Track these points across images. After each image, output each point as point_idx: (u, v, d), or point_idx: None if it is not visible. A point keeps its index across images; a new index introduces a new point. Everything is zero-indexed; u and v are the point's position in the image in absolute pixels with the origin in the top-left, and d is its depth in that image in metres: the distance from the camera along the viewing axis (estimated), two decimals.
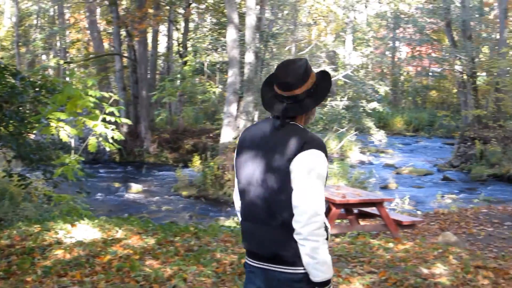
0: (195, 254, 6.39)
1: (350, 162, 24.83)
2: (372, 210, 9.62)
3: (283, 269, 2.99)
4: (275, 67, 3.60)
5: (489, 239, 9.34)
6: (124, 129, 23.13)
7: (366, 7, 33.11)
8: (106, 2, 25.81)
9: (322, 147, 3.07)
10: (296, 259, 2.95)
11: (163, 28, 32.29)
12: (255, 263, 3.11)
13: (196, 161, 19.92)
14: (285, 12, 23.92)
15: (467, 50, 30.49)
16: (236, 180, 3.22)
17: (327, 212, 9.00)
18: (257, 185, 3.05)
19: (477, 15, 38.39)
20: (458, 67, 31.96)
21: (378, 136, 25.65)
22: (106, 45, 31.73)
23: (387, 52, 45.75)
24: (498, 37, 33.62)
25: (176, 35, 29.48)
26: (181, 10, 28.08)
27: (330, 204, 8.99)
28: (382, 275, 5.67)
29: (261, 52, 21.20)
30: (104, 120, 7.14)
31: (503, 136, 26.54)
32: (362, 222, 10.37)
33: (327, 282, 2.93)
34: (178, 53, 27.51)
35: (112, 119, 7.19)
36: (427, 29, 40.89)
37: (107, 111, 7.18)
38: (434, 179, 23.56)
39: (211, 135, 24.50)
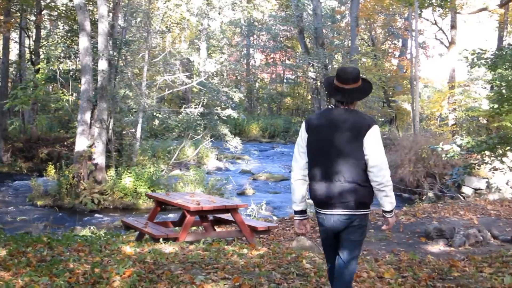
0: (48, 264, 6.32)
1: (206, 169, 25.54)
2: (228, 216, 9.83)
3: (350, 212, 4.55)
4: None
5: None
6: None
7: (219, 14, 34.28)
8: None
9: (377, 124, 4.65)
10: (360, 205, 4.57)
11: (14, 35, 31.54)
12: (324, 211, 4.65)
13: (51, 170, 19.91)
14: (138, 19, 24.29)
15: (320, 57, 32.36)
16: (303, 151, 4.72)
17: (183, 219, 9.51)
18: (337, 153, 4.53)
19: (329, 23, 40.82)
20: (311, 74, 33.63)
21: (234, 143, 26.43)
22: None
23: (241, 59, 46.85)
24: (350, 44, 35.32)
25: (28, 42, 29.07)
26: (32, 17, 27.68)
27: (184, 211, 9.29)
28: (236, 281, 5.77)
29: (115, 59, 21.45)
30: None
31: None
32: (218, 229, 10.60)
33: (393, 210, 4.66)
34: (30, 60, 27.14)
35: None
36: (281, 36, 42.70)
37: None
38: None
39: (65, 143, 24.46)
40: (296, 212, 4.84)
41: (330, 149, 4.56)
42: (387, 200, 4.59)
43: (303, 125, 4.78)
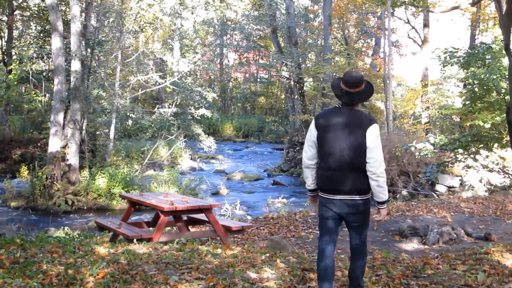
0: (21, 266, 6.28)
1: (180, 169, 25.66)
2: (202, 216, 9.81)
3: (355, 197, 5.25)
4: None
5: (318, 242, 9.80)
6: None
7: (192, 13, 34.21)
8: None
9: (376, 122, 5.35)
10: (363, 191, 5.26)
11: None
12: (333, 196, 5.32)
13: (24, 171, 19.79)
14: (111, 19, 24.21)
15: (293, 56, 32.36)
16: (312, 144, 5.43)
17: (156, 220, 9.48)
18: (344, 147, 5.22)
19: (302, 22, 40.86)
20: (285, 73, 33.62)
21: (208, 143, 26.43)
22: None
23: (215, 59, 46.79)
24: (323, 43, 35.27)
25: (0, 43, 28.81)
26: (4, 18, 27.44)
27: (158, 211, 9.24)
28: (210, 281, 5.79)
29: (88, 59, 21.41)
30: None
31: None
32: (192, 229, 10.54)
33: (386, 201, 5.36)
34: (2, 61, 26.79)
35: None
36: (254, 35, 42.69)
37: None
38: (265, 184, 24.76)
39: (39, 144, 24.34)
40: (309, 191, 5.68)
41: (339, 143, 5.27)
42: (380, 191, 5.25)
43: (313, 122, 5.49)
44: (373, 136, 5.19)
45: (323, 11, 33.98)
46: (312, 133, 5.44)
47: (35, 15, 25.86)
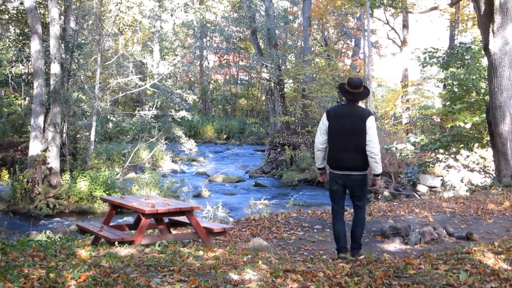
0: (2, 270, 6.15)
1: (162, 172, 25.57)
2: (183, 218, 9.78)
3: (356, 172, 7.14)
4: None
5: (300, 243, 9.74)
6: None
7: (172, 16, 34.17)
8: None
9: (373, 114, 7.59)
10: (363, 168, 7.13)
11: None
12: (340, 172, 7.19)
13: (5, 175, 19.76)
14: (90, 22, 24.10)
15: (273, 57, 32.45)
16: (324, 132, 7.24)
17: (138, 222, 9.42)
18: (348, 133, 7.06)
19: (282, 24, 40.96)
20: (265, 75, 33.69)
21: (189, 145, 26.33)
22: None
23: (195, 61, 46.75)
24: (302, 44, 35.66)
25: None
26: None
27: (139, 214, 9.15)
28: (192, 283, 5.76)
29: (67, 62, 21.23)
30: None
31: (312, 141, 28.41)
32: (174, 231, 10.55)
33: (380, 174, 7.34)
34: None
35: None
36: (234, 37, 42.74)
37: None
38: (246, 186, 24.77)
39: (19, 148, 24.16)
40: (319, 169, 7.63)
41: (345, 130, 7.11)
42: (376, 165, 7.15)
43: (324, 115, 7.34)
44: (371, 124, 7.04)
45: (303, 12, 34.20)
46: (324, 123, 7.26)
47: (14, 18, 25.64)
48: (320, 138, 7.31)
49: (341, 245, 7.45)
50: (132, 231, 10.02)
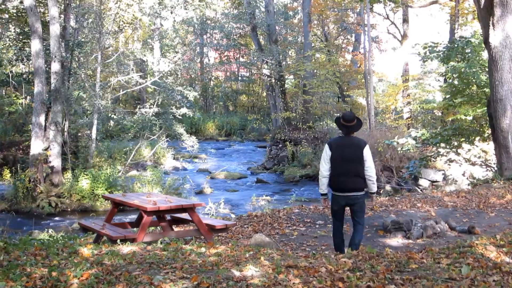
0: (4, 269, 6.17)
1: (164, 169, 25.62)
2: (185, 216, 9.79)
3: (356, 193, 8.03)
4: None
5: (302, 239, 9.85)
6: None
7: (172, 13, 34.11)
8: None
9: (367, 143, 8.35)
10: (361, 189, 8.04)
11: None
12: (342, 194, 8.05)
13: (7, 174, 19.72)
14: (90, 20, 24.01)
15: (273, 54, 32.37)
16: (327, 161, 8.11)
17: (140, 220, 9.46)
18: (349, 160, 7.99)
19: (282, 20, 40.88)
20: (266, 71, 33.58)
21: (190, 142, 26.30)
22: None
23: (195, 58, 46.64)
24: (303, 40, 35.50)
25: None
26: None
27: (141, 212, 9.16)
28: (194, 280, 5.75)
29: (67, 61, 21.21)
30: None
31: (313, 137, 28.49)
32: (176, 229, 10.51)
33: (375, 192, 8.31)
34: None
35: None
36: (234, 34, 42.61)
37: None
38: (248, 182, 24.75)
39: (21, 147, 24.06)
40: (322, 194, 8.32)
41: (345, 158, 8.05)
42: (374, 186, 8.13)
43: (327, 146, 8.21)
44: (367, 152, 8.08)
45: (303, 8, 34.11)
46: (327, 153, 8.16)
47: (13, 18, 25.61)
48: (325, 166, 8.18)
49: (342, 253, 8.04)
50: (134, 229, 10.01)
